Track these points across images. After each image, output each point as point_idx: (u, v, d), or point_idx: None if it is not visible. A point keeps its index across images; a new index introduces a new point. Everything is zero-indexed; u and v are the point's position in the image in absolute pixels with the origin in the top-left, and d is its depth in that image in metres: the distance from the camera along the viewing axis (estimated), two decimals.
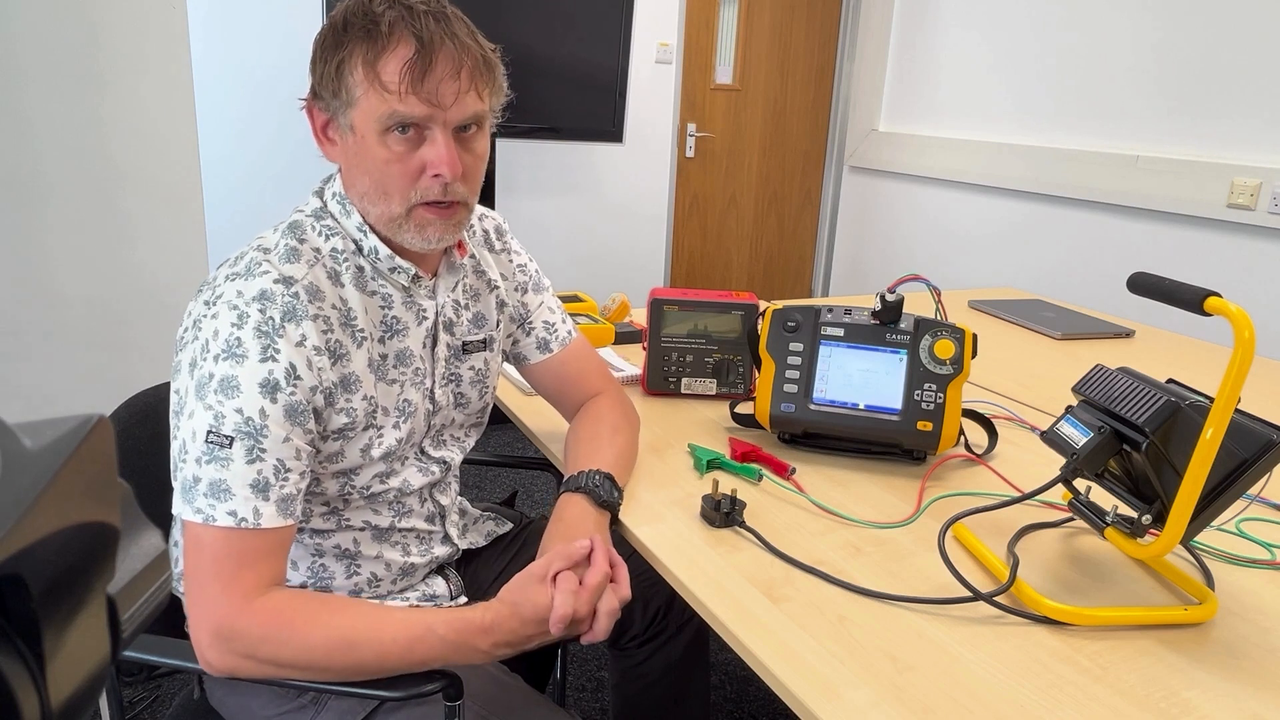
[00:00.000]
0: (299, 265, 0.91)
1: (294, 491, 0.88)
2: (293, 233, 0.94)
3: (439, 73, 0.87)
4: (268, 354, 0.86)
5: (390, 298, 0.98)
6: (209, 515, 0.83)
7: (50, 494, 0.24)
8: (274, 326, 0.87)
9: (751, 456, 1.18)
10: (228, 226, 2.85)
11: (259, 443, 0.85)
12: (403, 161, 0.90)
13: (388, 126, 0.88)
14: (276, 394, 0.86)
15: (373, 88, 0.87)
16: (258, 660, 0.83)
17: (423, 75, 0.87)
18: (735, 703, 1.87)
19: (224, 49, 2.77)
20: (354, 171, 0.93)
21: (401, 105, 0.87)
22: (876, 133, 4.00)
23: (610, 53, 2.93)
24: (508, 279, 1.14)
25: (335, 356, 0.91)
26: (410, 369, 1.00)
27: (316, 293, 0.91)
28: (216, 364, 0.85)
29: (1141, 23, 2.91)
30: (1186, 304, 0.83)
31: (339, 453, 0.95)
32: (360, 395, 0.94)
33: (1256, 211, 2.59)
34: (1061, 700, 0.74)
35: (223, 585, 0.83)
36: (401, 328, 0.99)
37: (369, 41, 0.87)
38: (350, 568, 1.03)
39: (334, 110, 0.91)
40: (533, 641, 0.87)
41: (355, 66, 0.88)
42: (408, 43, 0.87)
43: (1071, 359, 1.78)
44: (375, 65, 0.87)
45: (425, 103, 0.87)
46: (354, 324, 0.94)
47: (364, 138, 0.89)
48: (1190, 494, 0.81)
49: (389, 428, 0.98)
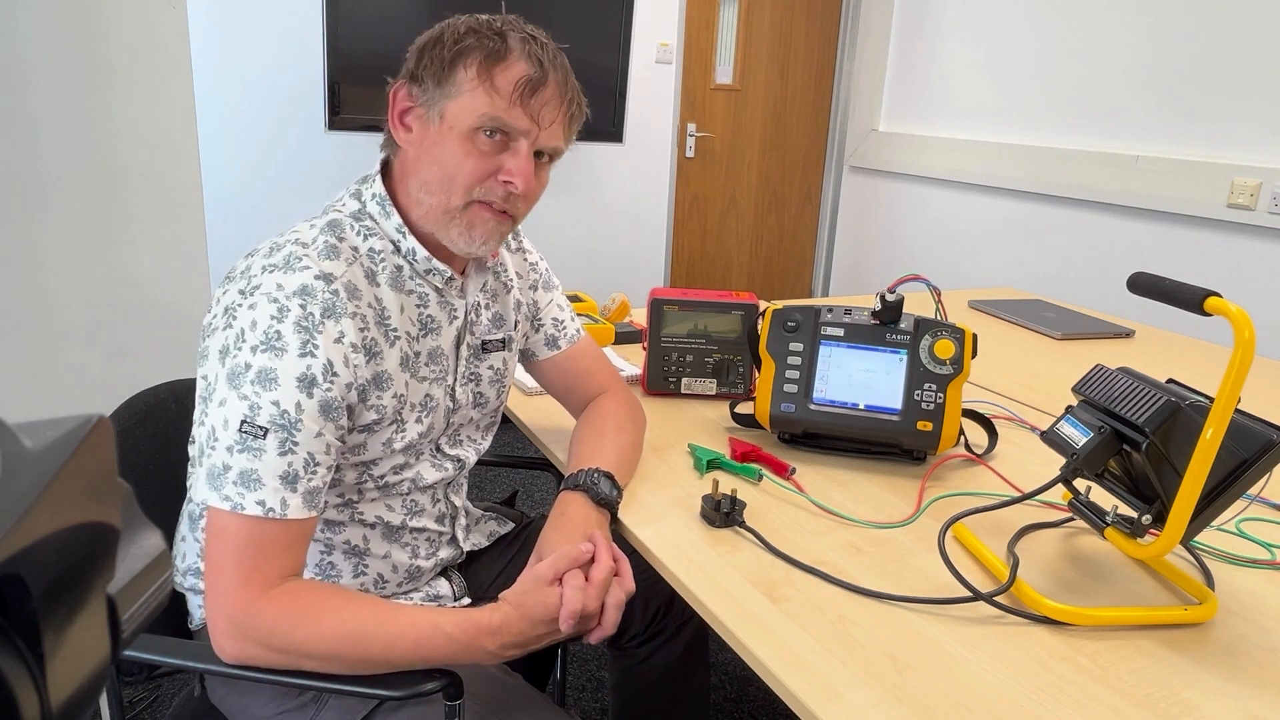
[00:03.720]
0: (338, 263, 0.92)
1: (320, 485, 0.89)
2: (331, 230, 0.95)
3: (546, 96, 0.93)
4: (307, 349, 0.87)
5: (426, 297, 0.99)
6: (237, 504, 0.84)
7: (50, 494, 0.24)
8: (314, 322, 0.87)
9: (751, 456, 1.18)
10: (228, 226, 2.84)
11: (292, 436, 0.86)
12: (482, 160, 0.93)
13: (481, 126, 0.91)
14: (313, 389, 0.87)
15: (482, 86, 0.91)
16: (271, 648, 0.84)
17: (533, 93, 0.92)
18: (735, 703, 1.87)
19: (224, 49, 2.77)
20: (424, 160, 0.94)
21: (506, 113, 0.91)
22: (876, 133, 4.00)
23: (610, 53, 2.93)
24: (522, 277, 1.16)
25: (370, 354, 0.93)
26: (439, 366, 1.02)
27: (355, 291, 0.92)
28: (254, 355, 0.86)
29: (1141, 23, 2.91)
30: (1186, 304, 0.83)
31: (362, 445, 0.96)
32: (391, 393, 0.95)
33: (1256, 211, 2.59)
34: (1061, 700, 0.74)
35: (243, 574, 0.84)
36: (435, 326, 1.01)
37: (491, 50, 0.91)
38: (358, 566, 1.03)
39: (428, 97, 0.93)
40: (541, 641, 0.88)
41: (471, 64, 0.91)
42: (528, 62, 0.92)
43: (1071, 359, 1.78)
44: (492, 70, 0.91)
45: (528, 117, 0.92)
46: (388, 323, 0.95)
47: (451, 129, 0.92)
48: (1190, 494, 0.81)
49: (412, 422, 1.00)
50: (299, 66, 2.86)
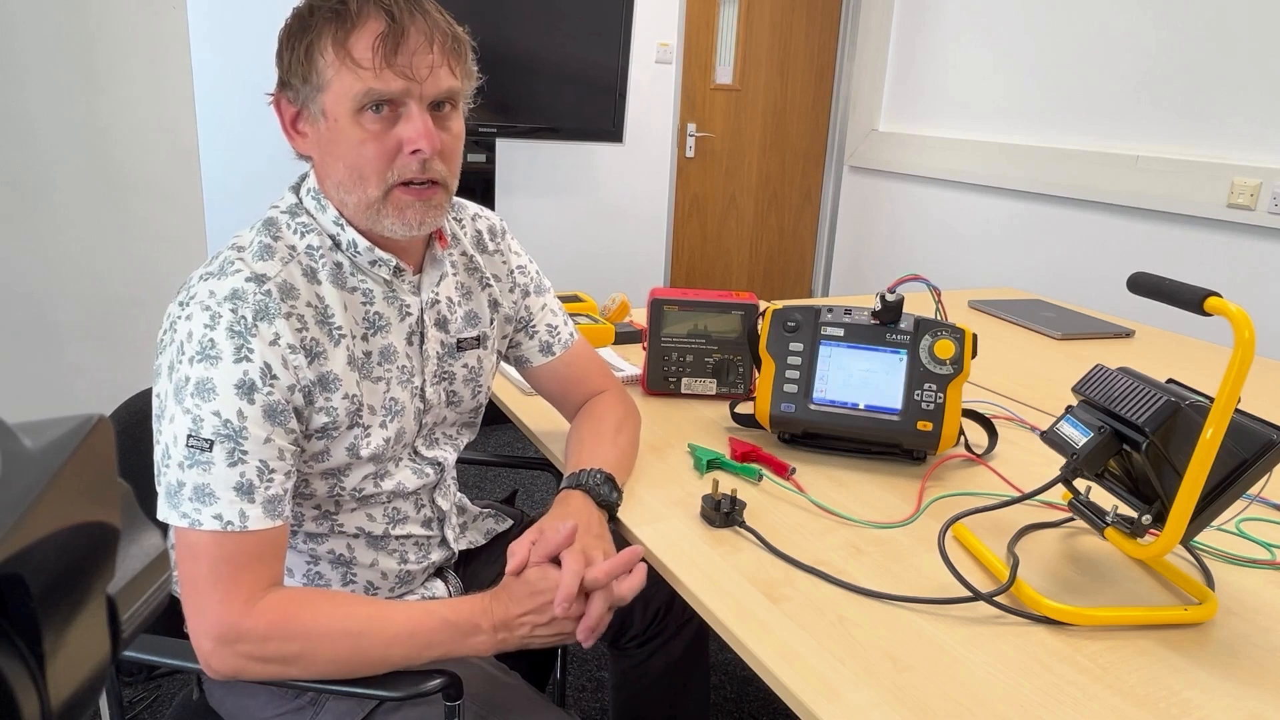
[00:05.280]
0: (272, 263, 0.90)
1: (280, 492, 0.87)
2: (267, 230, 0.93)
3: (411, 45, 0.86)
4: (241, 354, 0.84)
5: (371, 293, 0.96)
6: (194, 520, 0.83)
7: (50, 494, 0.24)
8: (246, 325, 0.85)
9: (751, 456, 1.18)
10: (228, 226, 2.84)
11: (239, 445, 0.84)
12: (379, 140, 0.88)
13: (362, 105, 0.87)
14: (254, 394, 0.85)
15: (344, 66, 0.86)
16: (264, 660, 0.83)
17: (395, 49, 0.85)
18: (735, 703, 1.87)
19: (224, 49, 2.77)
20: (328, 160, 0.91)
21: (376, 82, 0.85)
22: (876, 133, 4.00)
23: (610, 53, 2.93)
24: (501, 280, 1.13)
25: (312, 355, 0.90)
26: (395, 366, 0.99)
27: (290, 290, 0.89)
28: (191, 366, 0.84)
29: (1142, 22, 2.91)
30: (1186, 304, 0.83)
31: (324, 451, 0.94)
32: (340, 394, 0.93)
33: (1256, 211, 2.59)
34: (1061, 700, 0.74)
35: (223, 591, 0.82)
36: (384, 324, 0.97)
37: (337, 21, 0.86)
38: (346, 575, 1.03)
39: (304, 98, 0.89)
40: (534, 633, 0.87)
41: (325, 48, 0.86)
42: (378, 18, 0.86)
43: (1071, 359, 1.78)
44: (346, 44, 0.86)
45: (400, 76, 0.86)
46: (331, 321, 0.92)
47: (336, 121, 0.88)
48: (1190, 494, 0.81)
49: (376, 427, 0.97)
50: None
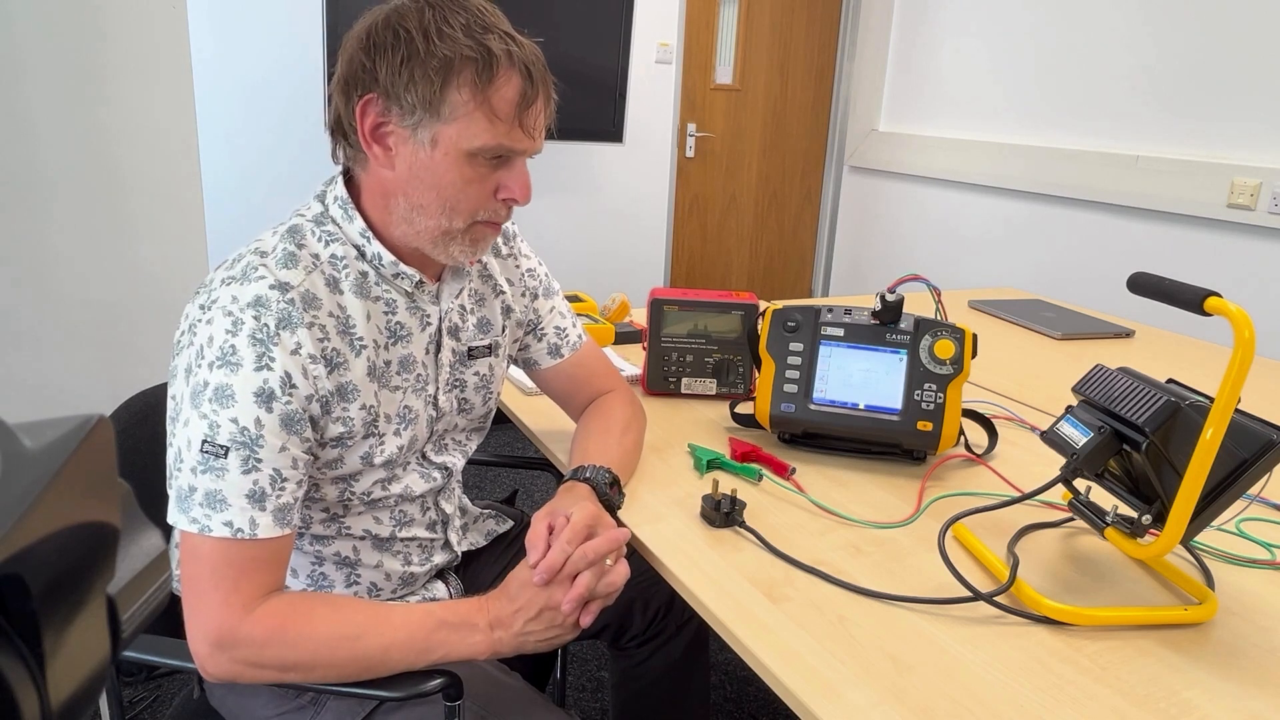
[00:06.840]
0: (296, 271, 0.89)
1: (290, 501, 0.87)
2: (291, 237, 0.92)
3: (538, 107, 0.91)
4: (262, 362, 0.84)
5: (394, 303, 0.96)
6: (204, 525, 0.83)
7: (50, 494, 0.24)
8: (269, 334, 0.85)
9: (751, 456, 1.18)
10: (228, 226, 2.84)
11: (255, 453, 0.84)
12: (482, 183, 0.91)
13: (483, 153, 0.89)
14: (272, 403, 0.84)
15: (480, 111, 0.86)
16: (261, 666, 0.83)
17: (528, 108, 0.89)
18: (735, 703, 1.87)
19: (224, 50, 2.77)
20: (414, 183, 0.89)
21: (507, 138, 0.88)
22: (876, 133, 4.00)
23: (610, 53, 2.93)
24: (514, 284, 1.13)
25: (332, 365, 0.90)
26: (413, 375, 0.99)
27: (313, 300, 0.89)
28: (211, 371, 0.84)
29: (1141, 22, 2.90)
30: (1186, 304, 0.83)
31: (338, 459, 0.94)
32: (358, 404, 0.92)
33: (1256, 211, 2.59)
34: (1061, 700, 0.74)
35: (223, 596, 0.82)
36: (405, 334, 0.98)
37: (480, 65, 0.86)
38: (350, 576, 1.03)
39: (416, 120, 0.87)
40: (529, 630, 0.88)
41: (464, 86, 0.85)
42: (520, 75, 0.88)
43: (1071, 359, 1.78)
44: (486, 91, 0.86)
45: (527, 135, 0.90)
46: (352, 332, 0.92)
47: (447, 155, 0.88)
48: (1190, 494, 0.81)
49: (390, 435, 0.97)
50: (299, 67, 2.86)
